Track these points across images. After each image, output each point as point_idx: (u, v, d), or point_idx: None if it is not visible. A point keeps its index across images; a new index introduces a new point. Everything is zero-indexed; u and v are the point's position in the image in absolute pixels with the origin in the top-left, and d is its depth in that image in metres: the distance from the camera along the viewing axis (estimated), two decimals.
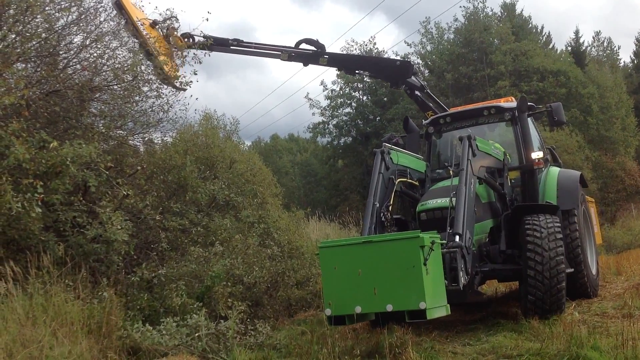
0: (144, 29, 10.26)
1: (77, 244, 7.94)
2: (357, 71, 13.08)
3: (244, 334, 7.99)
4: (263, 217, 12.43)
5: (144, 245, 9.51)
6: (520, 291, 8.45)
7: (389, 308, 5.93)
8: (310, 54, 12.29)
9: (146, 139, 12.54)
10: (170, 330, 7.13)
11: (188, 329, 7.30)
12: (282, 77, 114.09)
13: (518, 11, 44.08)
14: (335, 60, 12.48)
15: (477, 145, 8.30)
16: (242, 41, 12.10)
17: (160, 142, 13.06)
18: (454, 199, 7.49)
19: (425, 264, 5.84)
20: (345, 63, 12.85)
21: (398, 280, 5.92)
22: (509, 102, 10.62)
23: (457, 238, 6.89)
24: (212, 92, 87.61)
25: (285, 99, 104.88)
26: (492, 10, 40.97)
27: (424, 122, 11.03)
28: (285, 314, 10.17)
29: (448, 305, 6.35)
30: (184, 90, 11.46)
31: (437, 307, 6.08)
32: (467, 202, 7.40)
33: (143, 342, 6.86)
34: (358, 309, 6.08)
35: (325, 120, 42.45)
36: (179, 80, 11.14)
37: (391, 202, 8.52)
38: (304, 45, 12.37)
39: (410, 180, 9.36)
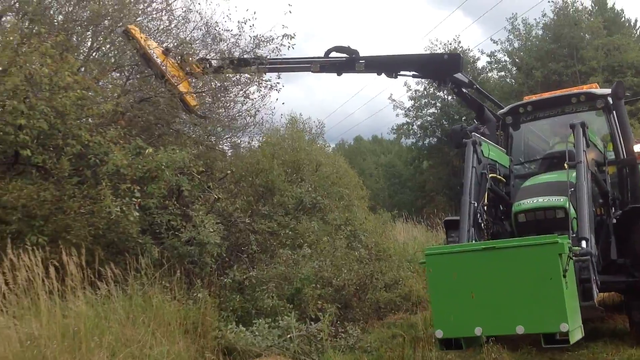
0: (157, 57, 9.93)
1: (172, 246, 8.19)
2: (399, 73, 11.46)
3: (334, 336, 8.00)
4: (350, 220, 12.42)
5: (235, 247, 9.68)
6: (632, 307, 7.38)
7: (520, 330, 4.87)
8: (344, 61, 11.24)
9: (234, 143, 12.82)
10: (263, 332, 7.23)
11: (280, 330, 7.37)
12: (363, 80, 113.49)
13: (609, 4, 42.31)
14: (372, 64, 11.25)
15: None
16: (265, 59, 11.19)
17: (247, 146, 13.31)
18: (562, 197, 6.68)
19: (564, 276, 4.81)
20: (384, 66, 11.34)
21: (530, 296, 4.86)
22: (597, 89, 9.34)
23: (583, 244, 5.76)
24: (291, 95, 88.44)
25: (368, 102, 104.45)
26: (582, 5, 39.48)
27: (500, 111, 9.96)
28: (374, 316, 10.09)
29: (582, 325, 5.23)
30: (205, 118, 11.01)
31: (576, 328, 4.98)
32: (589, 201, 6.35)
33: (237, 342, 6.99)
34: (478, 331, 5.02)
35: (409, 121, 42.03)
36: (198, 106, 10.61)
37: (486, 202, 7.39)
38: (334, 54, 11.31)
39: (498, 177, 8.19)
